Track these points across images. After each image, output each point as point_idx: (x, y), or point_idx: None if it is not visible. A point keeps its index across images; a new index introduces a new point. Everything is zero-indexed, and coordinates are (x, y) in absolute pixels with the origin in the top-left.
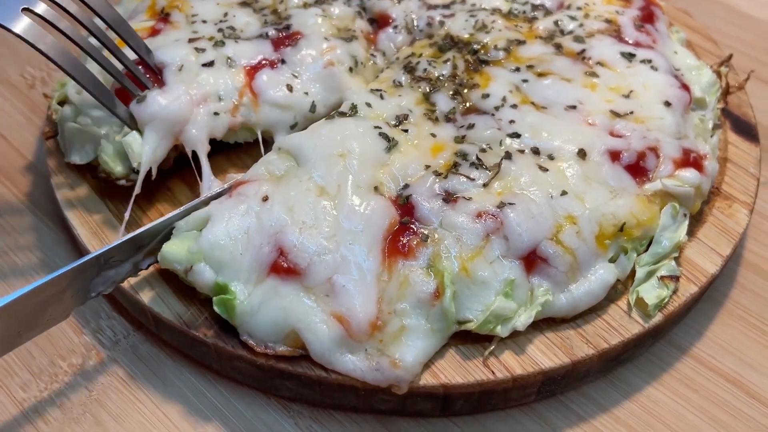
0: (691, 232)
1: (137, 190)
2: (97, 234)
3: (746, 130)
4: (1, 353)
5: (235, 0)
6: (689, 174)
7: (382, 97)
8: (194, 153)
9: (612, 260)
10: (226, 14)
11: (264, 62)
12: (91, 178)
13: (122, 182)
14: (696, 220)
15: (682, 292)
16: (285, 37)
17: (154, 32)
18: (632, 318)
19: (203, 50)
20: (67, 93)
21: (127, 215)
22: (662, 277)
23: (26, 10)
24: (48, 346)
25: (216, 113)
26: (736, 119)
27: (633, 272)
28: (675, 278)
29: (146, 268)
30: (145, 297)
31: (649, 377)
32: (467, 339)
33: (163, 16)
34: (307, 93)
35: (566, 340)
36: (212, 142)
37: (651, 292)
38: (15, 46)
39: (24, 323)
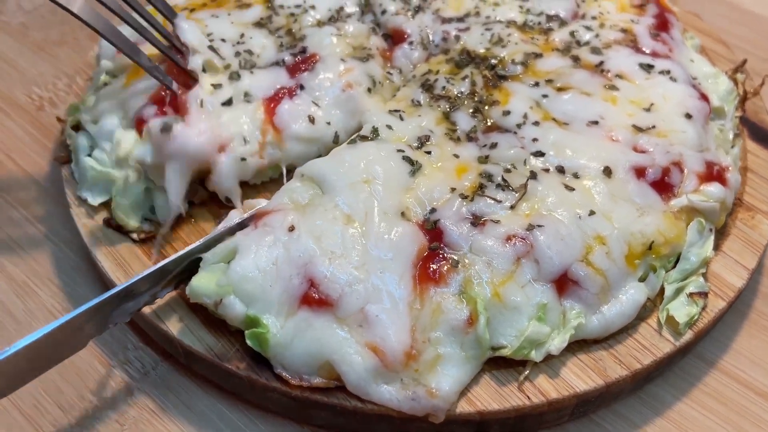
0: (715, 246)
1: (165, 230)
2: (121, 265)
3: (764, 137)
4: (20, 386)
5: (250, 20)
6: (714, 188)
7: (401, 118)
8: None
9: (641, 279)
10: (242, 35)
11: (282, 92)
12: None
13: (134, 236)
14: (720, 233)
15: (711, 308)
16: (301, 62)
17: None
18: (663, 336)
19: (219, 86)
20: (81, 119)
21: (155, 255)
22: (691, 294)
23: None
24: (77, 381)
25: (243, 158)
26: (753, 126)
27: (661, 289)
28: (704, 295)
29: (163, 297)
30: (174, 329)
31: (679, 392)
32: (501, 363)
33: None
34: (329, 123)
35: (599, 362)
36: None
37: (681, 309)
38: (22, 66)
39: (44, 356)
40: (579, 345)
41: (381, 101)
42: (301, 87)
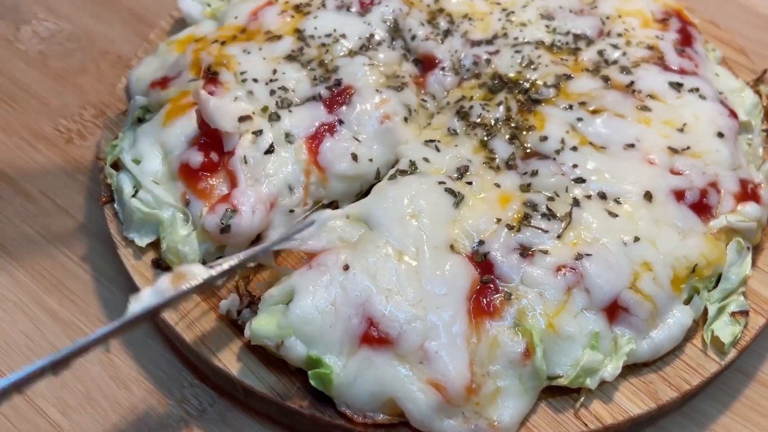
0: (752, 262)
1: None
2: (176, 308)
3: None
4: None
5: (281, 54)
6: (751, 208)
7: (437, 149)
8: None
9: (686, 302)
10: (275, 71)
11: (323, 129)
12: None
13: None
14: (755, 249)
15: (752, 325)
16: (337, 95)
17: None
18: (709, 356)
19: (260, 132)
20: (122, 158)
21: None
22: (733, 313)
23: None
24: (136, 420)
25: (291, 210)
26: None
27: (704, 309)
28: (745, 313)
29: None
30: (234, 369)
31: (722, 406)
32: (556, 391)
33: (211, 75)
34: (371, 160)
35: (650, 385)
36: None
37: (725, 329)
38: (45, 97)
39: None
40: (629, 368)
41: (417, 129)
42: (341, 122)
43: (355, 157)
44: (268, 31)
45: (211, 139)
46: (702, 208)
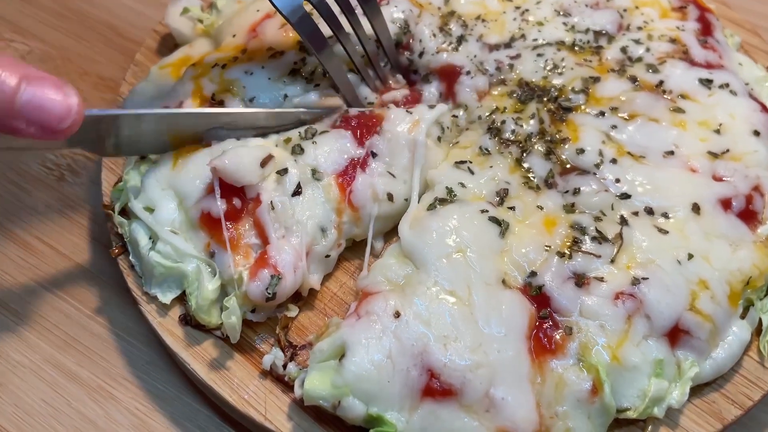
0: None
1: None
2: (213, 366)
3: None
4: None
5: (285, 69)
6: None
7: (471, 171)
8: None
9: (742, 316)
10: (286, 96)
11: (353, 163)
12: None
13: (218, 333)
14: None
15: None
16: (364, 124)
17: None
18: (767, 368)
19: (284, 171)
20: (132, 207)
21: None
22: None
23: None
24: None
25: (327, 256)
26: None
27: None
28: None
29: None
30: (286, 430)
31: None
32: (621, 421)
33: (217, 104)
34: (407, 199)
35: (713, 405)
36: None
37: None
38: None
39: None
40: (691, 389)
41: (446, 149)
42: (373, 154)
43: (390, 197)
44: (270, 48)
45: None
46: (749, 215)
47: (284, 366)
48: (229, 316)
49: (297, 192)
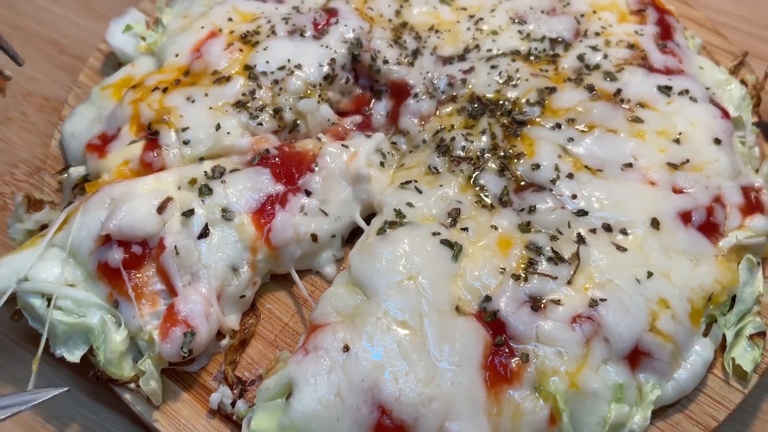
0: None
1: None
2: (160, 407)
3: None
4: None
5: (230, 98)
6: (759, 222)
7: (419, 190)
8: None
9: (704, 333)
10: (219, 126)
11: (272, 200)
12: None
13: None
14: (763, 260)
15: None
16: (289, 160)
17: (146, 166)
18: (732, 386)
19: (191, 212)
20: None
21: None
22: (751, 336)
23: None
24: None
25: (242, 296)
26: (766, 127)
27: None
28: (763, 334)
29: None
30: None
31: (742, 426)
32: None
33: (151, 135)
34: (334, 236)
35: (677, 427)
36: None
37: (745, 356)
38: None
39: None
40: (654, 412)
41: (390, 173)
42: (307, 192)
43: (314, 237)
44: (215, 72)
45: None
46: (710, 227)
47: (233, 404)
48: (147, 382)
49: (204, 234)
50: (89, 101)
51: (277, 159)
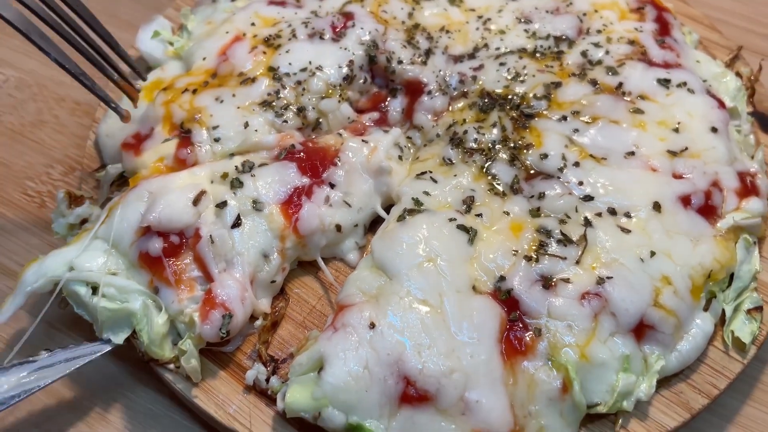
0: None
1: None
2: (200, 385)
3: None
4: None
5: (256, 98)
6: (755, 204)
7: (434, 180)
8: None
9: (705, 308)
10: (246, 124)
11: (298, 192)
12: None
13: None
14: (760, 240)
15: (766, 318)
16: (313, 155)
17: (179, 162)
18: (732, 357)
19: (224, 204)
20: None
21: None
22: (749, 311)
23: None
24: None
25: (273, 281)
26: (761, 117)
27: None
28: (760, 308)
29: None
30: None
31: (742, 396)
32: (593, 416)
33: (184, 133)
34: (356, 225)
35: (681, 395)
36: None
37: (743, 329)
38: (5, 159)
39: None
40: (659, 382)
41: (407, 166)
42: (331, 185)
43: (339, 228)
44: (241, 73)
45: None
46: (708, 210)
47: (267, 380)
48: (188, 360)
49: (236, 224)
50: (122, 102)
51: (302, 154)
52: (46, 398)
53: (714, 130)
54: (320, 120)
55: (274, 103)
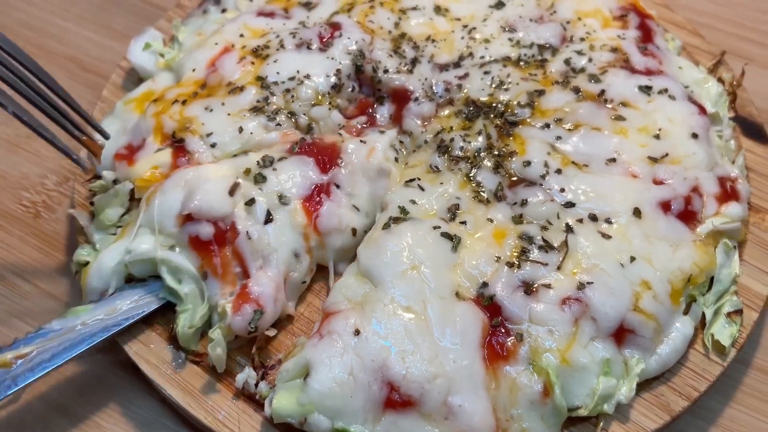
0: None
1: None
2: (189, 391)
3: (756, 131)
4: None
5: (245, 105)
6: (734, 209)
7: (421, 188)
8: None
9: (685, 312)
10: (241, 129)
11: (318, 189)
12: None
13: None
14: (740, 244)
15: (746, 321)
16: (324, 151)
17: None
18: (712, 360)
19: (252, 202)
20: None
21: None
22: (729, 314)
23: None
24: None
25: (303, 282)
26: (743, 122)
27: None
28: (739, 312)
29: None
30: None
31: (725, 398)
32: (575, 419)
33: (177, 143)
34: (366, 231)
35: (661, 398)
36: None
37: (723, 332)
38: (5, 171)
39: None
40: (639, 384)
41: (400, 170)
42: (336, 186)
43: (354, 231)
44: (229, 83)
45: None
46: (688, 215)
47: (256, 385)
48: (215, 348)
49: (269, 219)
50: (114, 115)
51: (314, 148)
52: (38, 403)
53: (695, 136)
54: (312, 125)
55: (264, 108)
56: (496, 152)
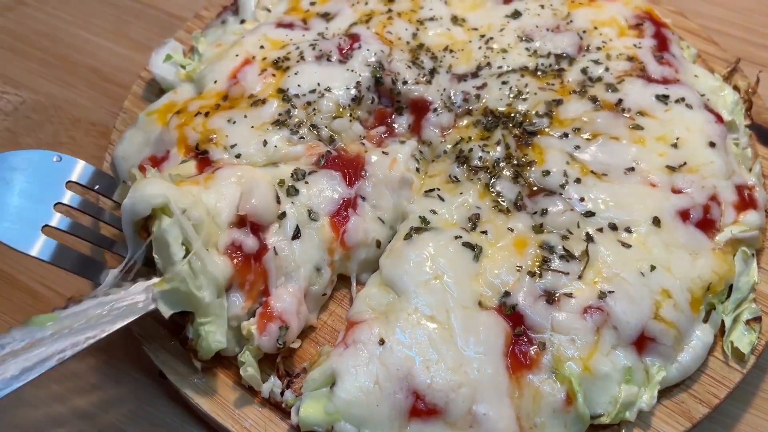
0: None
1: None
2: (216, 400)
3: None
4: None
5: (268, 119)
6: (752, 217)
7: (441, 198)
8: None
9: (704, 320)
10: (265, 142)
11: (345, 204)
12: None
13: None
14: (758, 251)
15: (765, 328)
16: (349, 164)
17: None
18: (731, 367)
19: (283, 215)
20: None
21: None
22: (748, 321)
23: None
24: None
25: (324, 294)
26: (758, 129)
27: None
28: (758, 319)
29: None
30: None
31: (744, 404)
32: (597, 427)
33: (201, 154)
34: (389, 241)
35: (682, 405)
36: None
37: (742, 339)
38: None
39: None
40: (660, 392)
41: (421, 182)
42: (362, 198)
43: (378, 243)
44: (251, 95)
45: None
46: (707, 224)
47: (281, 393)
48: (246, 370)
49: (296, 235)
50: (137, 126)
51: (339, 161)
52: (61, 408)
53: (712, 144)
54: (334, 137)
55: (287, 121)
56: (515, 162)
